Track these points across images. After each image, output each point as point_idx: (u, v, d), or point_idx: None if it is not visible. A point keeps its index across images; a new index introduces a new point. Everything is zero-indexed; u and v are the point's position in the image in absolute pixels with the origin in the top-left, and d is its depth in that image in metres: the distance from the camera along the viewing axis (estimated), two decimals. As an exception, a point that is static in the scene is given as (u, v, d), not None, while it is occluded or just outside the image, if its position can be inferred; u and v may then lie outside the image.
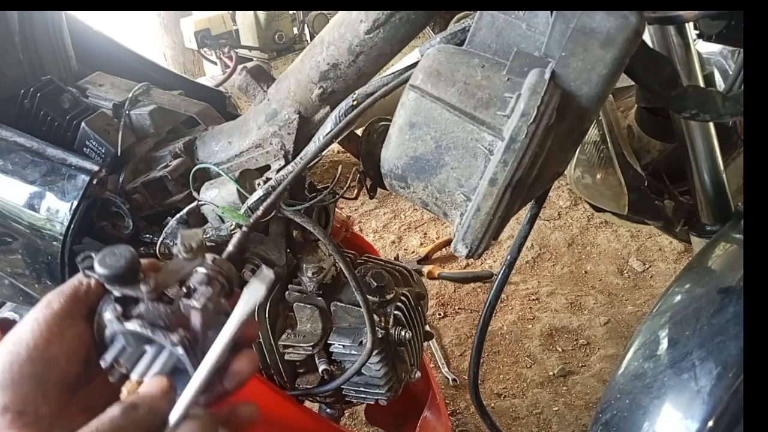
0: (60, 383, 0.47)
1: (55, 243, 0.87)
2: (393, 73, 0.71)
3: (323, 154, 0.79)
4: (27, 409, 0.45)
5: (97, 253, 0.48)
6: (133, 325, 0.47)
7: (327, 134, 0.76)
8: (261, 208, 0.79)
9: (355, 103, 0.74)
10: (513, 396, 1.75)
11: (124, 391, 0.47)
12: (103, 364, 0.48)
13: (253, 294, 0.49)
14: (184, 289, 0.50)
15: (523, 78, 0.57)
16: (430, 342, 1.89)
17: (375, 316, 0.91)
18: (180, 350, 0.46)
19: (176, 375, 0.48)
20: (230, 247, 0.65)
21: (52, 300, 0.48)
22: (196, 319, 0.48)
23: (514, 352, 1.90)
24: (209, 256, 0.52)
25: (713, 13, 0.71)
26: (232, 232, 0.85)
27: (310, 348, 0.95)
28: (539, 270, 2.27)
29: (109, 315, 0.48)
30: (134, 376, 0.47)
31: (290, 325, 0.98)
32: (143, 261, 0.50)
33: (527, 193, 0.63)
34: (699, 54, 0.94)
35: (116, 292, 0.48)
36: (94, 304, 0.50)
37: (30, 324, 0.47)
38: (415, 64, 0.66)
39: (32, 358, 0.46)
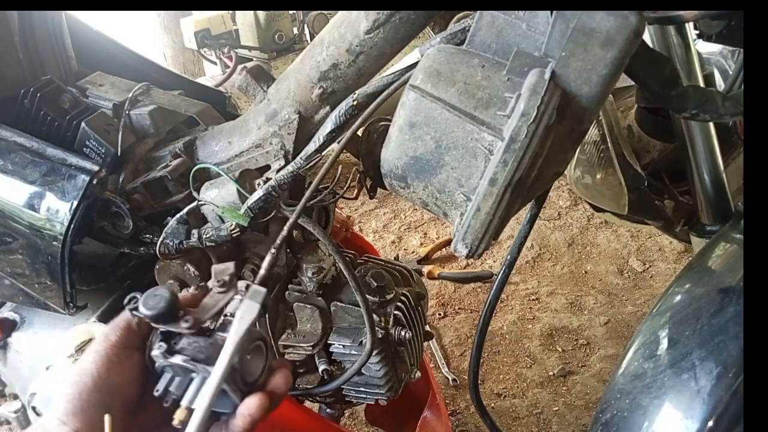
0: (123, 408, 0.53)
1: (55, 243, 0.87)
2: (393, 73, 0.71)
3: (323, 154, 0.79)
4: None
5: (141, 294, 0.54)
6: (176, 359, 0.52)
7: (327, 133, 0.76)
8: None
9: (355, 103, 0.73)
10: (513, 396, 1.75)
11: (176, 419, 0.51)
12: (156, 393, 0.53)
13: (246, 314, 0.53)
14: (222, 319, 0.55)
15: (523, 78, 0.57)
16: (430, 342, 1.89)
17: (375, 316, 0.91)
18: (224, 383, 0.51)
19: (222, 398, 0.53)
20: (262, 271, 0.66)
21: (109, 333, 0.54)
22: (235, 355, 0.52)
23: (514, 352, 1.90)
24: (242, 284, 0.57)
25: (713, 13, 0.70)
26: (233, 231, 0.85)
27: (310, 348, 0.95)
28: (539, 270, 2.27)
29: (156, 351, 0.53)
30: (184, 402, 0.52)
31: (290, 325, 0.98)
32: (184, 295, 0.56)
33: (527, 193, 0.63)
34: (699, 54, 0.94)
35: (161, 329, 0.54)
36: (146, 335, 0.55)
37: (93, 356, 0.53)
38: (415, 64, 0.66)
39: (98, 387, 0.51)
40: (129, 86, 1.01)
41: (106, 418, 0.51)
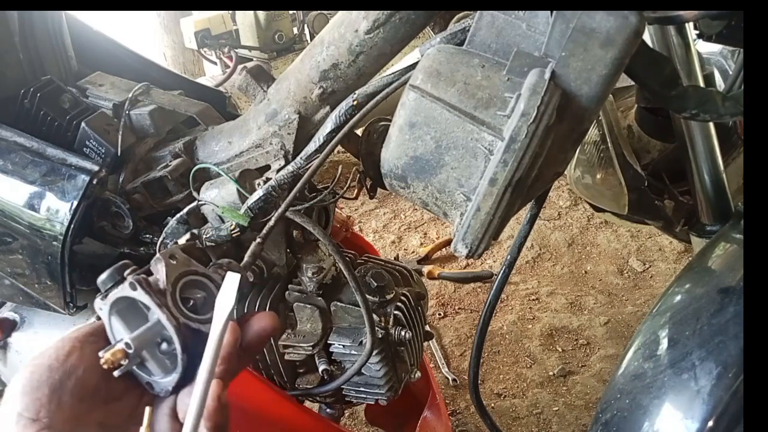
0: (76, 393, 0.49)
1: (55, 243, 0.87)
2: (393, 73, 0.71)
3: (324, 153, 0.79)
4: (40, 416, 0.47)
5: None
6: (116, 295, 0.50)
7: (327, 133, 0.76)
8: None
9: (355, 103, 0.73)
10: (513, 396, 1.75)
11: (103, 357, 0.49)
12: (100, 354, 0.50)
13: (225, 301, 0.51)
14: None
15: (523, 78, 0.57)
16: (430, 342, 1.89)
17: (375, 316, 0.91)
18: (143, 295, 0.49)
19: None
20: (246, 258, 0.66)
21: (82, 326, 0.53)
22: (160, 269, 0.50)
23: (514, 352, 1.90)
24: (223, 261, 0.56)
25: (713, 13, 0.70)
26: (233, 231, 0.85)
27: (310, 348, 0.95)
28: (539, 270, 2.27)
29: (96, 303, 0.51)
30: (124, 340, 0.50)
31: (290, 325, 0.98)
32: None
33: (527, 193, 0.63)
34: (699, 54, 0.94)
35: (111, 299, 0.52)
36: None
37: (56, 342, 0.51)
38: (415, 64, 0.66)
39: (51, 367, 0.49)
40: (129, 86, 1.01)
41: (147, 410, 0.49)
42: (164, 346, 0.52)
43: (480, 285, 2.18)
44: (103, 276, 0.52)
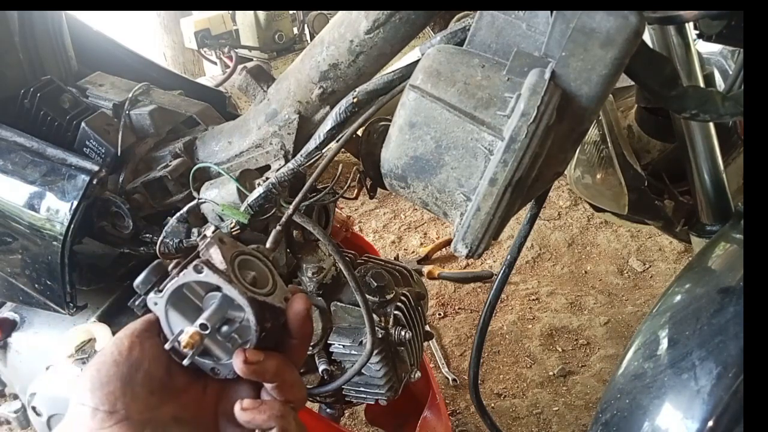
0: (145, 385, 0.50)
1: (55, 243, 0.87)
2: (393, 71, 0.71)
3: (324, 152, 0.79)
4: (116, 409, 0.48)
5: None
6: (168, 290, 0.51)
7: (327, 131, 0.76)
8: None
9: (355, 100, 0.73)
10: (513, 396, 1.75)
11: (183, 340, 0.50)
12: (167, 346, 0.52)
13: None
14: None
15: (523, 78, 0.57)
16: (430, 342, 1.89)
17: (375, 316, 0.91)
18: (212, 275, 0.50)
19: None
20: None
21: (132, 324, 0.53)
22: (215, 253, 0.52)
23: (514, 352, 1.90)
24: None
25: (713, 13, 0.71)
26: (233, 230, 0.85)
27: (310, 348, 0.95)
28: (539, 270, 2.27)
29: (150, 297, 0.53)
30: (198, 322, 0.50)
31: (290, 325, 0.98)
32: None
33: (527, 193, 0.63)
34: (699, 54, 0.94)
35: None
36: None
37: (113, 341, 0.52)
38: (416, 63, 0.66)
39: (117, 362, 0.50)
40: (129, 86, 1.01)
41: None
42: (224, 328, 0.52)
43: (480, 285, 2.18)
44: (140, 278, 0.53)
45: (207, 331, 0.50)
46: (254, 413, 0.50)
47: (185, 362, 0.51)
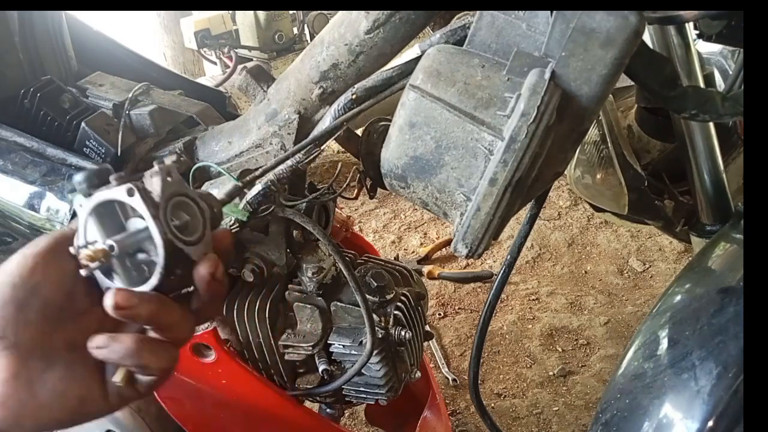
0: (41, 311, 0.48)
1: (55, 243, 0.87)
2: (392, 68, 0.71)
3: (323, 148, 0.79)
4: (6, 334, 0.47)
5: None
6: (99, 193, 0.49)
7: (326, 128, 0.76)
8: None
9: (354, 97, 0.73)
10: (513, 396, 1.75)
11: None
12: (72, 250, 0.50)
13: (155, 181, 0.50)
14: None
15: (523, 78, 0.57)
16: (430, 342, 1.89)
17: (375, 316, 0.91)
18: (139, 203, 0.48)
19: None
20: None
21: (40, 240, 0.51)
22: (155, 183, 0.49)
23: (514, 352, 1.90)
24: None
25: (713, 13, 0.71)
26: (232, 227, 0.85)
27: (310, 348, 0.95)
28: (539, 270, 2.27)
29: (79, 198, 0.50)
30: (108, 242, 0.48)
31: (290, 325, 0.98)
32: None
33: (527, 193, 0.63)
34: (699, 54, 0.94)
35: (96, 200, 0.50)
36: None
37: (16, 257, 0.50)
38: (416, 60, 0.66)
39: (14, 285, 0.48)
40: (129, 86, 1.01)
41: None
42: (139, 256, 0.51)
43: (480, 285, 2.18)
44: (80, 176, 0.50)
45: (114, 252, 0.48)
46: (105, 352, 0.48)
47: (81, 272, 0.49)
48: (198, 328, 0.92)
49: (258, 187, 0.81)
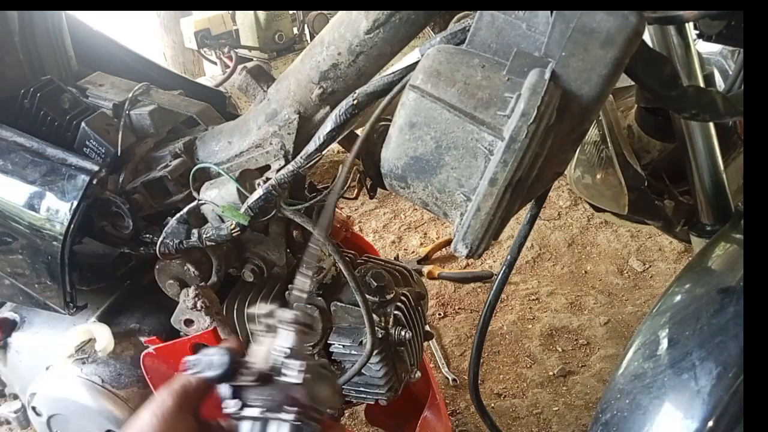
0: None
1: (55, 243, 0.87)
2: (393, 73, 0.71)
3: (324, 153, 0.79)
4: None
5: (197, 357, 0.55)
6: (252, 412, 0.53)
7: (327, 132, 0.76)
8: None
9: (355, 102, 0.73)
10: (513, 396, 1.75)
11: None
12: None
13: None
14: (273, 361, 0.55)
15: (523, 78, 0.57)
16: (430, 342, 1.89)
17: (375, 316, 0.91)
18: (299, 423, 0.52)
19: None
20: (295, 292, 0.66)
21: (166, 397, 0.54)
22: (301, 394, 0.53)
23: (514, 352, 1.90)
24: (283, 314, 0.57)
25: (713, 13, 0.71)
26: (233, 231, 0.85)
27: (310, 348, 0.95)
28: (539, 270, 2.27)
29: (232, 408, 0.53)
30: None
31: (290, 325, 0.98)
32: (229, 344, 0.56)
33: (527, 193, 0.63)
34: (699, 54, 0.94)
35: (227, 388, 0.54)
36: (200, 400, 0.55)
37: (149, 418, 0.52)
38: (415, 64, 0.66)
39: None
40: (129, 86, 1.01)
41: None
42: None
43: (480, 285, 2.18)
44: (217, 360, 0.54)
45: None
46: None
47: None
48: (198, 328, 0.93)
49: (259, 192, 0.81)
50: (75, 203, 0.85)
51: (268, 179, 0.82)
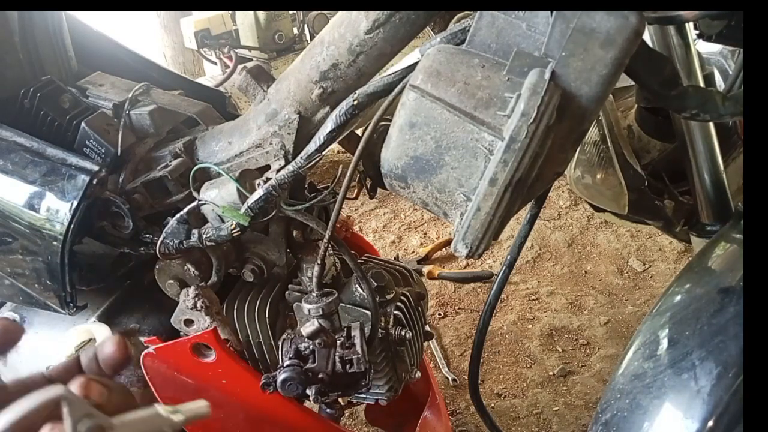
0: None
1: (55, 243, 0.87)
2: (393, 73, 0.71)
3: (324, 153, 0.79)
4: None
5: None
6: None
7: (327, 133, 0.76)
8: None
9: (355, 102, 0.74)
10: (513, 396, 1.75)
11: None
12: None
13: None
14: None
15: (523, 78, 0.57)
16: (430, 342, 1.89)
17: (375, 316, 0.91)
18: None
19: None
20: None
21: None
22: None
23: (514, 352, 1.90)
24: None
25: (713, 13, 0.71)
26: (233, 231, 0.85)
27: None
28: (539, 270, 2.27)
29: None
30: None
31: (290, 325, 0.98)
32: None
33: (527, 193, 0.63)
34: (699, 54, 0.94)
35: None
36: None
37: None
38: (415, 65, 0.66)
39: None
40: (129, 86, 1.01)
41: None
42: None
43: (480, 285, 2.18)
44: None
45: None
46: None
47: None
48: (198, 328, 0.93)
49: (259, 192, 0.81)
50: (75, 203, 0.85)
51: (268, 179, 0.82)
